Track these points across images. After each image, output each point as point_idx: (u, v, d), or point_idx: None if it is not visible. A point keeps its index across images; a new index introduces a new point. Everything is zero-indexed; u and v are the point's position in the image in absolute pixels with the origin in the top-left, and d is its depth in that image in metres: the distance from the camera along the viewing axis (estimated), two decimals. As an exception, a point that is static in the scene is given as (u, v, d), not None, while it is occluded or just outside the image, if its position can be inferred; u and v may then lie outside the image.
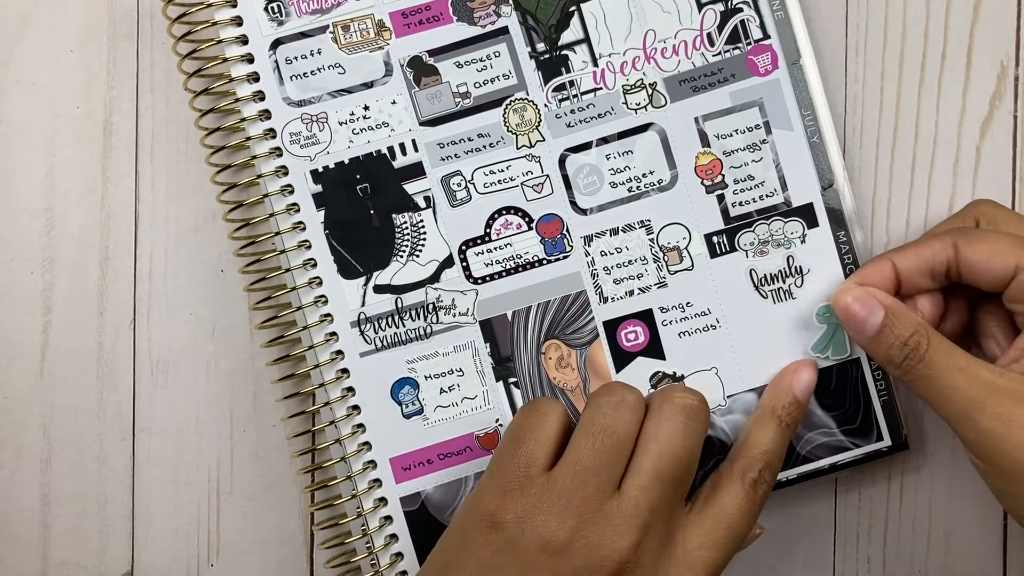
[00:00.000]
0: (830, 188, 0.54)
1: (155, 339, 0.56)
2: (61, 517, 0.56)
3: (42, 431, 0.56)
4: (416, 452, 0.54)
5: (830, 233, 0.54)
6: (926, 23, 0.56)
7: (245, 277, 0.54)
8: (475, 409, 0.54)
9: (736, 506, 0.48)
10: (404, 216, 0.54)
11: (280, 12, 0.53)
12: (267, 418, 0.56)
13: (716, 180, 0.54)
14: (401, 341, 0.54)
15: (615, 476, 0.47)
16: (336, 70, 0.53)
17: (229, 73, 0.53)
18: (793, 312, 0.54)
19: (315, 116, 0.53)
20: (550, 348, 0.54)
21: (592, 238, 0.54)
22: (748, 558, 0.55)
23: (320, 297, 0.53)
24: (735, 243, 0.54)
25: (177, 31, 0.53)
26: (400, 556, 0.54)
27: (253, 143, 0.53)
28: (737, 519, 0.48)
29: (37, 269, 0.56)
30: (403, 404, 0.54)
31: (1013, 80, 0.56)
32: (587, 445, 0.48)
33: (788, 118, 0.54)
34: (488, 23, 0.54)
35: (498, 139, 0.54)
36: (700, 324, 0.54)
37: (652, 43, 0.54)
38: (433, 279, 0.54)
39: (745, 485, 0.49)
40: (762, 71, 0.54)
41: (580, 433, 0.48)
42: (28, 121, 0.56)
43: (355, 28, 0.53)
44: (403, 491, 0.54)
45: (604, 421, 0.48)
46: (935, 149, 0.56)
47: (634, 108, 0.54)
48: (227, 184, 0.53)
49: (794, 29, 0.54)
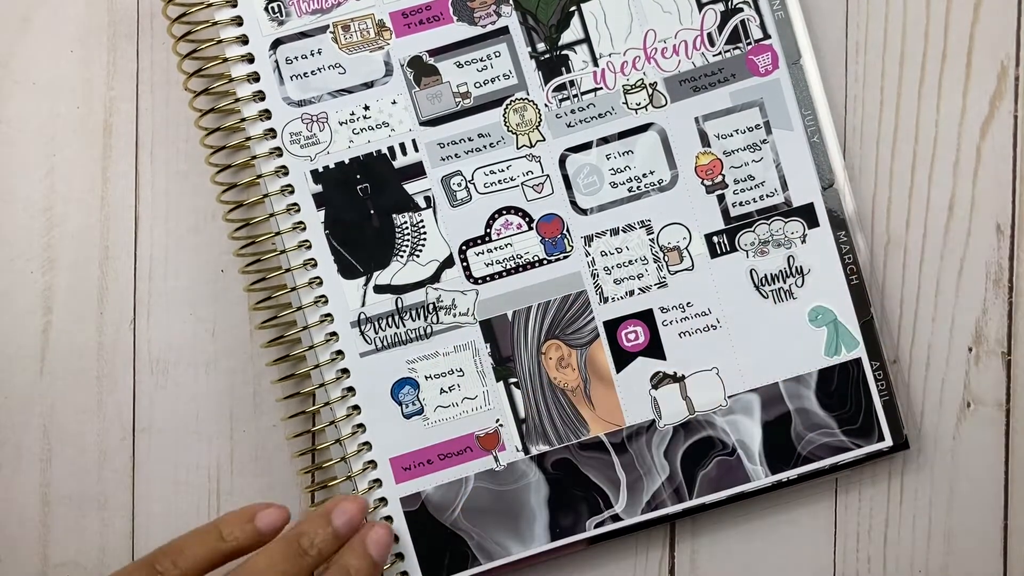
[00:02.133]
0: (830, 188, 0.54)
1: (155, 339, 0.56)
2: (61, 517, 0.56)
3: (42, 431, 0.56)
4: (416, 452, 0.54)
5: (831, 233, 0.54)
6: (926, 23, 0.56)
7: (245, 277, 0.54)
8: (475, 409, 0.54)
9: None
10: (404, 216, 0.54)
11: (280, 12, 0.53)
12: (267, 418, 0.56)
13: (716, 180, 0.54)
14: (401, 341, 0.54)
15: None
16: (336, 70, 0.53)
17: (229, 73, 0.53)
18: (794, 312, 0.54)
19: (315, 116, 0.53)
20: (550, 348, 0.54)
21: (592, 238, 0.54)
22: (748, 558, 0.55)
23: (320, 297, 0.53)
24: (735, 243, 0.54)
25: (177, 31, 0.53)
26: (400, 557, 0.54)
27: (253, 143, 0.53)
28: None
29: (37, 269, 0.56)
30: (403, 404, 0.54)
31: (1013, 80, 0.56)
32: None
33: (788, 118, 0.54)
34: (488, 23, 0.54)
35: (498, 139, 0.54)
36: (700, 324, 0.54)
37: (652, 43, 0.54)
38: (433, 279, 0.54)
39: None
40: (762, 71, 0.54)
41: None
42: (28, 121, 0.56)
43: (355, 28, 0.53)
44: (403, 491, 0.54)
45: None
46: (935, 149, 0.56)
47: (634, 108, 0.54)
48: (227, 184, 0.53)
49: (794, 29, 0.54)
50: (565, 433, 0.54)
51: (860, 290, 0.54)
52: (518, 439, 0.54)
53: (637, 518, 0.54)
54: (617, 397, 0.54)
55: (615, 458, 0.54)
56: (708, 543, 0.56)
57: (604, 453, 0.54)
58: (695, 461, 0.54)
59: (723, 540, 0.56)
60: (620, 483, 0.54)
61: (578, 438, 0.54)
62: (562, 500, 0.54)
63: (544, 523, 0.54)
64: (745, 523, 0.55)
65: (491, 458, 0.54)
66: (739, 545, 0.56)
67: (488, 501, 0.54)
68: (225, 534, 0.50)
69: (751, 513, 0.55)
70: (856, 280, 0.54)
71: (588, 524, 0.54)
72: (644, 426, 0.54)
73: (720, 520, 0.55)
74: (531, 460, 0.54)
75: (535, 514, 0.54)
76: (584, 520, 0.54)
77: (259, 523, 0.50)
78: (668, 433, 0.54)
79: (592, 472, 0.54)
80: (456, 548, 0.54)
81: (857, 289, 0.54)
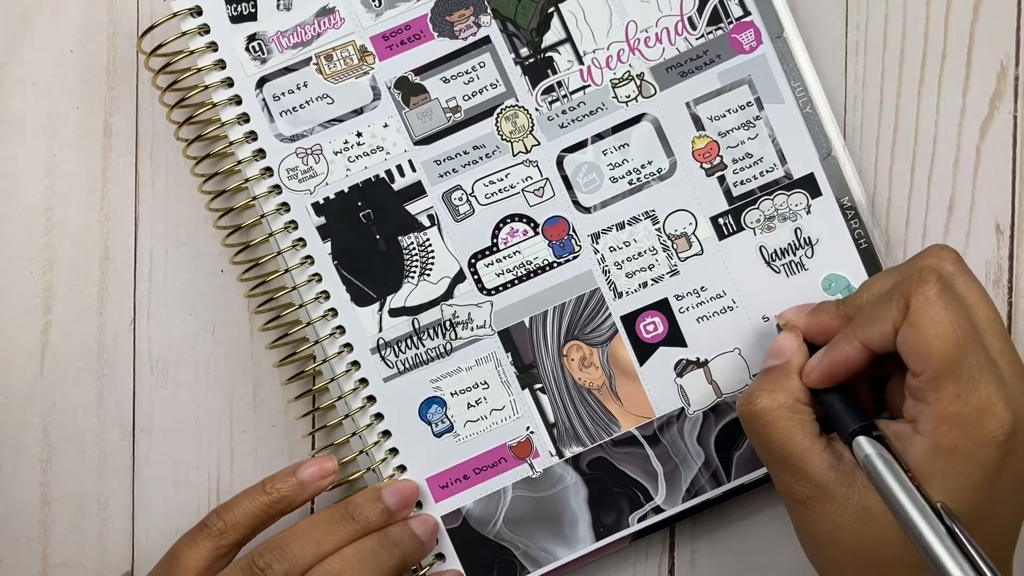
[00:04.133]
0: (829, 157, 0.54)
1: (155, 339, 0.56)
2: (61, 517, 0.56)
3: (42, 431, 0.56)
4: (451, 469, 0.54)
5: (834, 200, 0.54)
6: (926, 23, 0.56)
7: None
8: (504, 420, 0.54)
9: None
10: (410, 237, 0.54)
11: (262, 50, 0.53)
12: (267, 418, 0.56)
13: (715, 162, 0.54)
14: (423, 361, 0.54)
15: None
16: (324, 100, 0.53)
17: (219, 117, 0.53)
18: (807, 283, 0.54)
19: (309, 149, 0.53)
20: (571, 349, 0.54)
21: (599, 235, 0.54)
22: (749, 558, 0.55)
23: (337, 328, 0.53)
24: (741, 222, 0.54)
25: (162, 82, 0.53)
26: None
27: (251, 184, 0.53)
28: None
29: (37, 269, 0.56)
30: (432, 423, 0.54)
31: (1013, 80, 0.56)
32: None
33: (778, 92, 0.54)
34: (469, 35, 0.54)
35: (493, 149, 0.54)
36: (717, 307, 0.54)
37: (634, 34, 0.54)
38: (447, 296, 0.54)
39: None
40: (747, 48, 0.54)
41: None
42: (28, 121, 0.56)
43: (338, 56, 0.53)
44: (443, 509, 0.54)
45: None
46: (935, 149, 0.56)
47: (624, 101, 0.54)
48: (231, 227, 0.53)
49: (774, 3, 0.54)
50: (596, 432, 0.54)
51: (870, 253, 0.54)
52: (550, 444, 0.54)
53: (679, 507, 0.54)
54: (644, 390, 0.54)
55: (649, 450, 0.54)
56: (708, 543, 0.56)
57: (638, 447, 0.54)
58: (729, 443, 0.54)
59: (723, 540, 0.55)
60: (657, 475, 0.54)
61: (610, 435, 0.54)
62: (602, 499, 0.54)
63: (587, 524, 0.54)
64: (745, 523, 0.55)
65: (526, 466, 0.54)
66: (739, 545, 0.55)
67: (529, 509, 0.54)
68: (268, 487, 0.52)
69: (751, 513, 0.55)
70: (865, 244, 0.54)
71: (631, 519, 0.54)
72: (674, 415, 0.54)
73: (720, 520, 0.55)
74: (566, 463, 0.54)
75: (577, 516, 0.54)
76: (626, 516, 0.54)
77: (301, 475, 0.52)
78: (699, 419, 0.54)
79: (628, 467, 0.54)
80: (503, 559, 0.54)
81: (867, 252, 0.54)
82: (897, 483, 0.45)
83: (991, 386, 0.45)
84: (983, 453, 0.45)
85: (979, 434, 0.44)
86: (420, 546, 0.52)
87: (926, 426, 0.45)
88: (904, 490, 0.44)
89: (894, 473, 0.45)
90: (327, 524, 0.51)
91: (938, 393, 0.45)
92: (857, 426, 0.47)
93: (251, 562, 0.50)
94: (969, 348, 0.45)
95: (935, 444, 0.45)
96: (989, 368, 0.45)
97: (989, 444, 0.44)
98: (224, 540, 0.51)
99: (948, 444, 0.45)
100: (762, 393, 0.48)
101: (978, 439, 0.44)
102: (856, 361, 0.48)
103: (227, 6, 0.53)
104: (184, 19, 0.53)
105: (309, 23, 0.53)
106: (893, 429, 0.47)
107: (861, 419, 0.47)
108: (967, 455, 0.45)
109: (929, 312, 0.45)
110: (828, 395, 0.48)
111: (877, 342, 0.47)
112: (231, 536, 0.51)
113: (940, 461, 0.45)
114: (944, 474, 0.45)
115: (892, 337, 0.46)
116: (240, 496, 0.52)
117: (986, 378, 0.45)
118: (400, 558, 0.51)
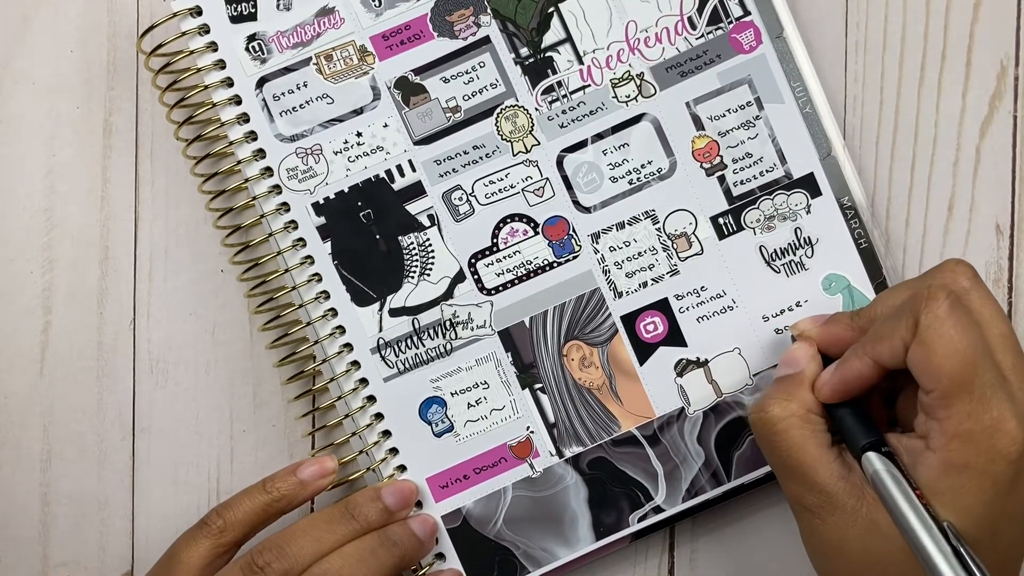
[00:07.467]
0: (829, 156, 0.54)
1: (155, 339, 0.56)
2: (61, 517, 0.56)
3: (42, 431, 0.56)
4: (451, 469, 0.54)
5: (834, 200, 0.54)
6: (926, 23, 0.56)
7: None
8: (504, 420, 0.54)
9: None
10: (410, 237, 0.54)
11: (262, 50, 0.53)
12: (267, 418, 0.56)
13: (715, 162, 0.54)
14: (423, 361, 0.54)
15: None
16: (324, 100, 0.53)
17: (219, 117, 0.53)
18: (807, 283, 0.54)
19: (309, 149, 0.53)
20: (571, 349, 0.54)
21: (599, 235, 0.54)
22: (749, 558, 0.55)
23: (337, 328, 0.53)
24: (741, 222, 0.54)
25: (162, 82, 0.53)
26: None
27: (251, 184, 0.53)
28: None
29: (37, 269, 0.56)
30: (433, 423, 0.54)
31: (1013, 80, 0.56)
32: None
33: (778, 91, 0.54)
34: (469, 35, 0.54)
35: (493, 148, 0.54)
36: (717, 307, 0.54)
37: (634, 34, 0.54)
38: (447, 296, 0.54)
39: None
40: (747, 48, 0.54)
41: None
42: (28, 121, 0.56)
43: (338, 56, 0.53)
44: (443, 509, 0.54)
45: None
46: (935, 149, 0.56)
47: (624, 101, 0.54)
48: (231, 227, 0.53)
49: (774, 3, 0.54)
50: (596, 432, 0.54)
51: (870, 253, 0.54)
52: (550, 444, 0.54)
53: (679, 507, 0.54)
54: (644, 389, 0.54)
55: (649, 450, 0.54)
56: (708, 543, 0.56)
57: (638, 447, 0.54)
58: (729, 443, 0.54)
59: (723, 540, 0.56)
60: (658, 474, 0.54)
61: (610, 435, 0.54)
62: (602, 499, 0.54)
63: (587, 523, 0.54)
64: (745, 523, 0.55)
65: (526, 466, 0.54)
66: (739, 545, 0.55)
67: (529, 509, 0.54)
68: (268, 486, 0.52)
69: (751, 513, 0.55)
70: (865, 244, 0.54)
71: (631, 519, 0.54)
72: (674, 415, 0.54)
73: (720, 520, 0.55)
74: (566, 463, 0.54)
75: (577, 516, 0.54)
76: (627, 516, 0.54)
77: (301, 474, 0.52)
78: (699, 419, 0.54)
79: (628, 467, 0.54)
80: (504, 559, 0.54)
81: (867, 252, 0.54)
82: (905, 500, 0.45)
83: (1003, 404, 0.44)
84: (995, 470, 0.44)
85: (991, 451, 0.44)
86: (420, 545, 0.52)
87: (938, 442, 0.45)
88: (911, 508, 0.44)
89: (902, 490, 0.45)
90: (326, 523, 0.51)
91: (949, 411, 0.45)
92: (867, 441, 0.47)
93: (250, 560, 0.50)
94: (980, 366, 0.45)
95: (946, 461, 0.45)
96: (1001, 386, 0.45)
97: (1001, 461, 0.44)
98: (224, 538, 0.51)
99: (960, 461, 0.45)
100: (774, 402, 0.48)
101: (990, 456, 0.44)
102: (867, 377, 0.48)
103: (227, 6, 0.53)
104: (184, 19, 0.53)
105: (309, 23, 0.53)
106: (905, 444, 0.47)
107: (871, 434, 0.47)
108: (979, 472, 0.44)
109: (938, 330, 0.45)
110: (839, 409, 0.48)
111: (888, 359, 0.47)
112: (231, 534, 0.51)
113: (951, 478, 0.45)
114: (955, 491, 0.45)
115: (902, 354, 0.46)
116: (240, 495, 0.52)
117: (998, 396, 0.45)
118: (399, 557, 0.51)
